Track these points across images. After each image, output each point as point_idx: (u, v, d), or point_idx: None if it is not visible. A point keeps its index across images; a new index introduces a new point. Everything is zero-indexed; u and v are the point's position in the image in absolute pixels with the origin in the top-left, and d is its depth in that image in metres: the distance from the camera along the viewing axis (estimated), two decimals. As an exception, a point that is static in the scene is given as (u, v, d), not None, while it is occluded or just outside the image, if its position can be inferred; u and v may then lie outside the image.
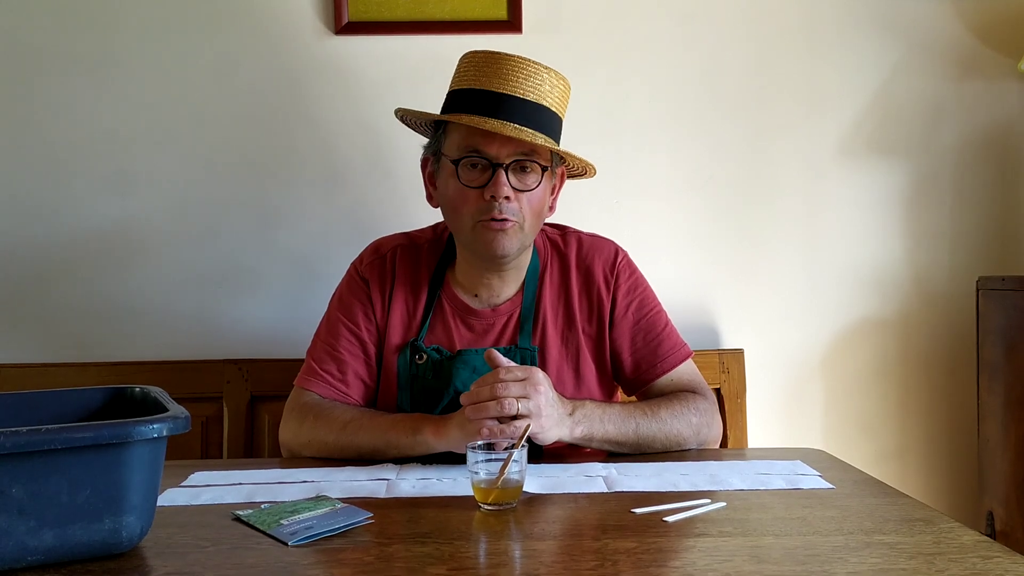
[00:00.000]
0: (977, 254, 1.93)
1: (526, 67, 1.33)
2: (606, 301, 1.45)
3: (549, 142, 1.33)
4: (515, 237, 1.34)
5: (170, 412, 0.90)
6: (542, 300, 1.44)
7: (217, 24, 1.86)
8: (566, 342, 1.43)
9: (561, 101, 1.38)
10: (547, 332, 1.43)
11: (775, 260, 1.93)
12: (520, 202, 1.33)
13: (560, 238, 1.51)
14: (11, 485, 0.81)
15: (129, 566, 0.87)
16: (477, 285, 1.43)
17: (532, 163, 1.33)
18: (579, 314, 1.44)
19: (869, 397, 1.95)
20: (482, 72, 1.34)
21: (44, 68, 1.85)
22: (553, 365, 1.42)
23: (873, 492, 1.12)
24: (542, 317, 1.43)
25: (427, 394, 1.38)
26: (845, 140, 1.92)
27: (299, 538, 0.92)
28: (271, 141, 1.88)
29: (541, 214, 1.38)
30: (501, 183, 1.31)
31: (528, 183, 1.34)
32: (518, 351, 1.39)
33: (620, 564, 0.85)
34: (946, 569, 0.83)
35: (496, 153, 1.31)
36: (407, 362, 1.40)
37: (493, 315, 1.43)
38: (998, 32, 1.90)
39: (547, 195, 1.39)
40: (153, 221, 1.88)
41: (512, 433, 1.14)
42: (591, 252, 1.48)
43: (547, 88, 1.34)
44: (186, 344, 1.88)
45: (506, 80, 1.32)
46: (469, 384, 1.29)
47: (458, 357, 1.38)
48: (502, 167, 1.31)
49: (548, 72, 1.35)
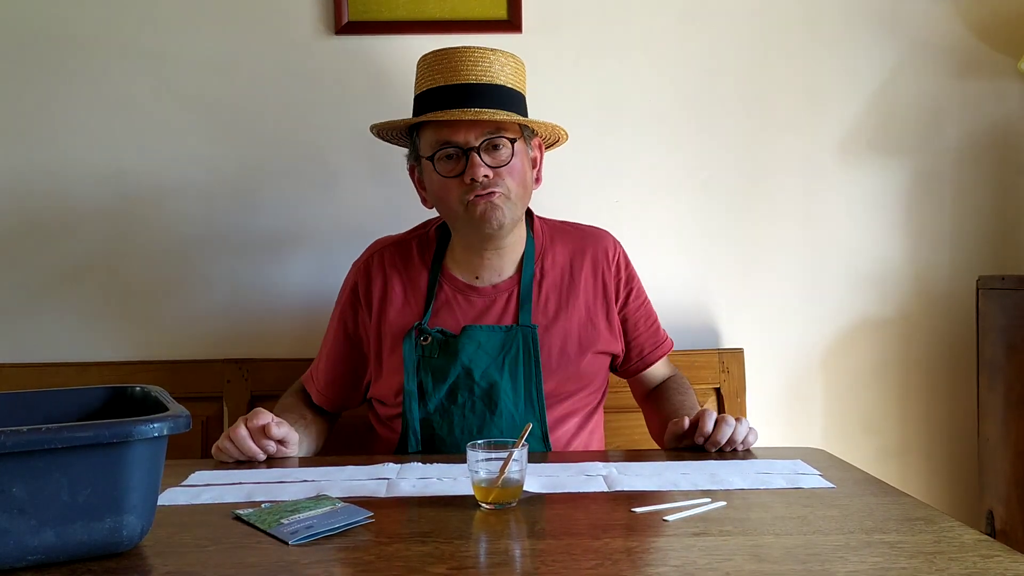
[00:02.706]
0: (977, 254, 1.93)
1: (472, 54, 1.41)
2: (611, 285, 1.53)
3: (511, 116, 1.40)
4: (504, 207, 1.40)
5: (170, 411, 0.91)
6: (544, 279, 1.50)
7: (217, 24, 1.86)
8: (571, 316, 1.49)
9: (515, 76, 1.45)
10: (550, 308, 1.48)
11: (775, 259, 1.93)
12: (500, 176, 1.40)
13: (560, 226, 1.59)
14: (12, 484, 0.82)
15: (129, 565, 0.87)
16: (477, 267, 1.49)
17: (500, 139, 1.40)
18: (585, 293, 1.51)
19: (869, 396, 1.95)
20: (435, 71, 1.42)
21: (43, 68, 1.85)
22: (557, 342, 1.46)
23: (873, 491, 1.12)
24: (544, 295, 1.49)
25: (435, 372, 1.43)
26: (845, 139, 1.92)
27: (299, 537, 0.92)
28: (271, 141, 1.88)
29: (525, 183, 1.44)
30: (476, 164, 1.37)
31: (502, 158, 1.40)
32: (519, 329, 1.44)
33: (620, 563, 0.85)
34: (946, 568, 0.83)
35: (464, 139, 1.38)
36: (413, 345, 1.44)
37: (494, 291, 1.49)
38: (998, 31, 1.90)
39: (527, 166, 1.45)
40: (152, 220, 1.88)
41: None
42: (594, 238, 1.57)
43: (497, 68, 1.41)
44: (186, 344, 1.88)
45: (456, 71, 1.40)
46: (475, 358, 1.42)
47: (464, 333, 1.44)
48: (474, 150, 1.38)
49: (494, 53, 1.42)
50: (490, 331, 1.44)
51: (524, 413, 1.42)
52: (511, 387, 1.42)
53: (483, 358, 1.42)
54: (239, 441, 1.29)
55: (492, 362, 1.42)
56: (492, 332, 1.44)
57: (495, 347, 1.43)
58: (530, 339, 1.43)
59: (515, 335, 1.43)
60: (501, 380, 1.42)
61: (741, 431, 1.32)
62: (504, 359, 1.43)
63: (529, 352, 1.43)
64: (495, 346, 1.43)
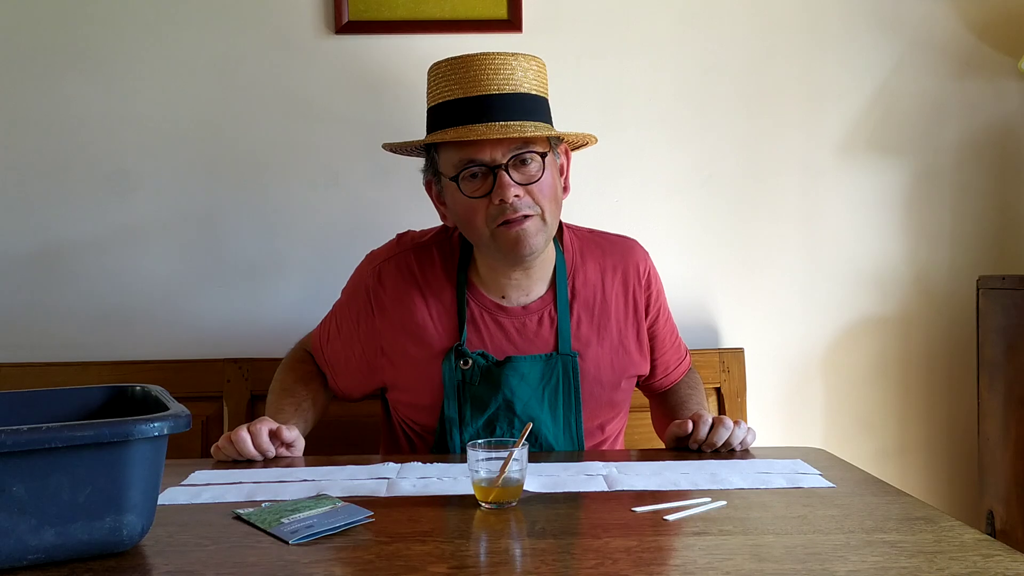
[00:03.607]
0: (977, 253, 1.94)
1: (492, 61, 1.29)
2: (641, 303, 1.46)
3: (540, 127, 1.30)
4: (538, 230, 1.31)
5: (171, 411, 0.90)
6: (576, 300, 1.42)
7: (217, 24, 1.86)
8: (603, 342, 1.42)
9: (538, 80, 1.34)
10: (583, 333, 1.41)
11: (775, 259, 1.93)
12: (532, 195, 1.30)
13: (589, 237, 1.49)
14: (12, 483, 0.82)
15: (130, 565, 0.87)
16: (504, 287, 1.40)
17: (530, 154, 1.30)
18: (616, 314, 1.44)
19: (869, 396, 1.95)
20: (451, 80, 1.31)
21: (43, 67, 1.85)
22: (591, 365, 1.41)
23: (873, 491, 1.12)
24: (576, 317, 1.41)
25: (474, 400, 1.37)
26: (845, 138, 1.92)
27: (300, 536, 0.92)
28: (271, 140, 1.88)
29: (556, 198, 1.34)
30: (506, 184, 1.27)
31: (532, 174, 1.30)
32: (559, 357, 1.38)
33: (620, 563, 0.85)
34: (946, 568, 0.83)
35: (491, 157, 1.28)
36: (452, 368, 1.37)
37: (524, 313, 1.40)
38: (998, 31, 1.90)
39: (556, 178, 1.35)
40: (153, 220, 1.88)
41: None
42: (624, 251, 1.48)
43: (519, 75, 1.30)
44: (186, 344, 1.88)
45: (477, 82, 1.29)
46: (518, 391, 1.35)
47: (507, 364, 1.36)
48: (502, 168, 1.28)
49: (516, 58, 1.31)
50: (532, 361, 1.36)
51: (563, 446, 1.38)
52: (551, 420, 1.37)
53: (525, 390, 1.36)
54: (239, 443, 1.27)
55: (533, 394, 1.36)
56: (534, 362, 1.36)
57: (536, 378, 1.36)
58: (570, 368, 1.37)
59: (555, 364, 1.36)
60: (542, 413, 1.36)
61: (739, 434, 1.30)
62: (544, 390, 1.37)
63: (569, 381, 1.37)
64: (536, 377, 1.36)
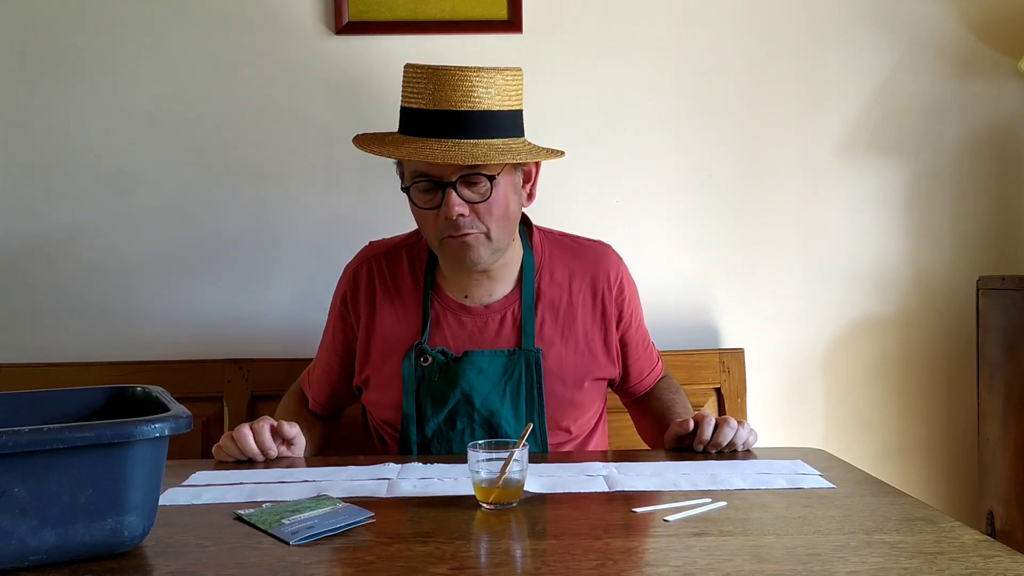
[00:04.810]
0: (977, 254, 1.93)
1: (454, 76, 1.30)
2: (611, 309, 1.47)
3: (494, 147, 1.30)
4: (481, 246, 1.34)
5: (171, 412, 0.91)
6: (540, 300, 1.44)
7: (217, 24, 1.86)
8: (567, 342, 1.44)
9: (503, 94, 1.33)
10: (546, 332, 1.43)
11: (775, 259, 1.93)
12: (478, 213, 1.32)
13: (560, 240, 1.52)
14: (13, 485, 0.82)
15: (131, 565, 0.87)
16: (467, 286, 1.44)
17: (477, 176, 1.31)
18: (583, 316, 1.45)
19: (869, 396, 1.95)
20: (418, 90, 1.33)
21: (43, 67, 1.85)
22: (553, 364, 1.42)
23: (874, 491, 1.12)
24: (540, 316, 1.43)
25: (434, 396, 1.39)
26: (845, 139, 1.92)
27: (301, 537, 0.93)
28: (271, 141, 1.88)
29: (508, 215, 1.36)
30: (452, 203, 1.30)
31: (482, 193, 1.32)
32: (522, 353, 1.39)
33: (621, 563, 0.86)
34: (947, 568, 0.83)
35: (439, 173, 1.31)
36: (412, 365, 1.39)
37: (486, 312, 1.43)
38: (998, 31, 1.90)
39: (510, 194, 1.36)
40: (153, 221, 1.88)
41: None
42: (595, 256, 1.50)
43: (482, 91, 1.30)
44: (186, 344, 1.88)
45: (440, 97, 1.30)
46: (476, 384, 1.36)
47: (464, 359, 1.38)
48: (450, 185, 1.30)
49: (479, 74, 1.30)
50: (492, 356, 1.39)
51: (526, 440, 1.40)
52: (512, 414, 1.38)
53: (484, 384, 1.38)
54: (241, 440, 1.27)
55: (493, 388, 1.38)
56: (494, 357, 1.39)
57: (496, 372, 1.38)
58: (533, 363, 1.39)
59: (518, 359, 1.38)
60: (502, 408, 1.38)
61: (742, 434, 1.31)
62: (506, 385, 1.38)
63: (532, 378, 1.39)
64: (496, 372, 1.38)
